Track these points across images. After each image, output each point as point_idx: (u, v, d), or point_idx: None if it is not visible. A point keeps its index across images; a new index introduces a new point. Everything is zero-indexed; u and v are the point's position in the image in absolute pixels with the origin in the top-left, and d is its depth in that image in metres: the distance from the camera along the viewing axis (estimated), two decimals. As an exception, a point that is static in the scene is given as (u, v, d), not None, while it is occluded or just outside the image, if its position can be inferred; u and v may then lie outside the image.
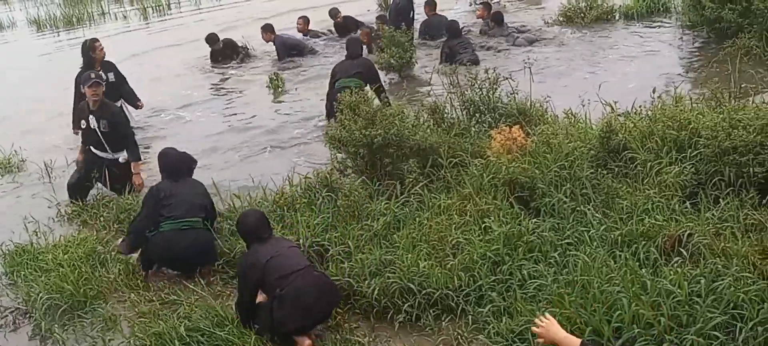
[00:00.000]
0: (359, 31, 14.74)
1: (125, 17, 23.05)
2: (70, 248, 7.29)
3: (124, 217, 7.89)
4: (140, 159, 8.85)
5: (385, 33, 12.54)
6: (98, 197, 8.71)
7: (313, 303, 5.55)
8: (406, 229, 6.48)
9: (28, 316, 6.51)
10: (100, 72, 9.92)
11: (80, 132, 8.96)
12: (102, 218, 8.05)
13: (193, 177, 7.38)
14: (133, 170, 8.66)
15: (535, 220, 6.26)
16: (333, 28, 16.35)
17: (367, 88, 9.82)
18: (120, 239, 7.31)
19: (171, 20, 22.27)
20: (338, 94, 8.60)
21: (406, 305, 5.68)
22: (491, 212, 6.38)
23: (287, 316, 5.52)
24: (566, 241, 5.91)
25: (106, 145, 8.70)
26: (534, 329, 4.39)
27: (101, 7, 24.84)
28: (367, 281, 5.85)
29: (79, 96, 9.72)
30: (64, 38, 21.01)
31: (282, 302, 5.54)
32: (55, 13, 23.91)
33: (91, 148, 8.78)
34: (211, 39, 15.26)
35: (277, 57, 14.92)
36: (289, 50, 14.90)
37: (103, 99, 8.74)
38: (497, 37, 14.32)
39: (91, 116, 8.64)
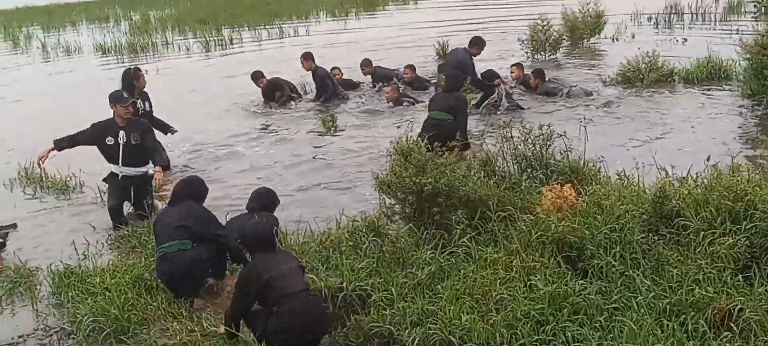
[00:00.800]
0: (389, 87, 14.78)
1: (188, 49, 23.53)
2: (117, 272, 7.39)
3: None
4: (167, 163, 9.16)
5: (440, 81, 12.58)
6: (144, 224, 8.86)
7: (303, 328, 5.82)
8: (450, 280, 6.44)
9: (71, 337, 6.60)
10: (138, 100, 10.45)
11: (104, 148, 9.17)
12: (151, 246, 8.15)
13: (202, 202, 7.54)
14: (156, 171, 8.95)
15: (582, 281, 6.16)
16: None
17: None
18: None
19: (232, 55, 22.68)
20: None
21: (445, 358, 5.61)
22: (538, 270, 6.31)
23: (279, 333, 5.79)
24: (613, 305, 5.81)
25: (133, 160, 9.02)
26: None
27: (165, 37, 25.46)
28: (408, 330, 5.80)
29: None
30: (128, 64, 21.57)
31: (276, 320, 5.79)
32: (121, 40, 24.57)
33: (113, 168, 9.08)
34: (255, 76, 15.45)
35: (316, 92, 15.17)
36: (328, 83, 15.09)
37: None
38: (542, 93, 14.28)
39: (121, 132, 8.99)
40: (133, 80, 10.77)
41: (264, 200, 7.95)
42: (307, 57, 15.30)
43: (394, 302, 6.16)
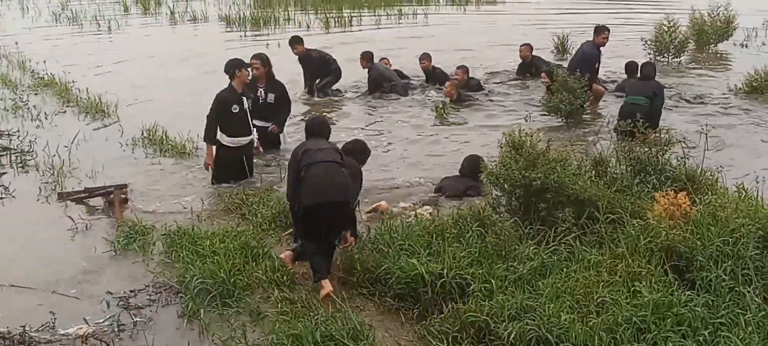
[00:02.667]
0: (446, 83, 14.40)
1: (308, 26, 23.95)
2: (226, 238, 7.66)
3: (281, 219, 8.24)
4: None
5: (558, 76, 12.42)
6: (257, 193, 9.13)
7: (322, 185, 6.86)
8: (551, 277, 6.39)
9: (179, 296, 6.90)
10: (260, 91, 10.83)
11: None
12: (260, 215, 8.42)
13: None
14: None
15: (688, 292, 6.01)
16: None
17: None
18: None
19: (351, 33, 22.95)
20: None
21: (541, 356, 5.58)
22: (643, 276, 6.19)
23: (303, 193, 6.91)
24: (719, 321, 5.64)
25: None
26: None
27: (287, 13, 25.99)
28: (504, 324, 5.80)
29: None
30: (250, 35, 22.22)
31: (303, 186, 6.92)
32: (245, 13, 25.25)
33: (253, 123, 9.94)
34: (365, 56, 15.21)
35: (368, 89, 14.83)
36: (382, 83, 14.77)
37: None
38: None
39: (244, 98, 9.73)
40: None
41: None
42: (365, 56, 15.00)
43: (493, 294, 6.16)
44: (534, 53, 15.85)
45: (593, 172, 8.18)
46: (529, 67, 15.64)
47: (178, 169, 10.56)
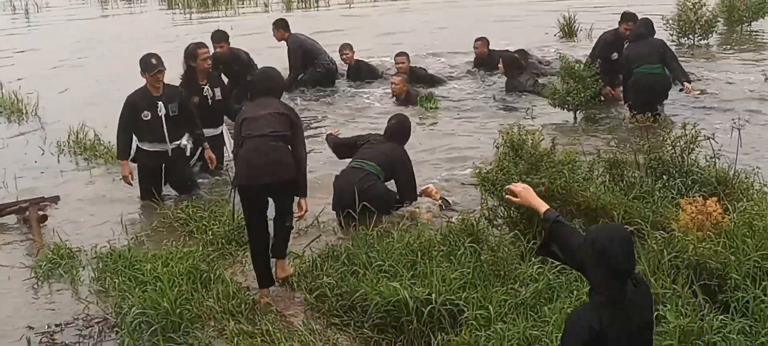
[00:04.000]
0: (393, 78, 14.34)
1: (266, 6, 23.93)
2: (170, 260, 7.62)
3: (236, 234, 8.22)
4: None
5: (566, 63, 12.47)
6: (206, 207, 9.10)
7: (251, 170, 7.10)
8: (559, 302, 6.40)
9: (115, 330, 6.85)
10: (205, 86, 10.43)
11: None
12: (211, 232, 8.38)
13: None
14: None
15: (721, 317, 6.04)
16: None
17: None
18: None
19: (317, 17, 22.95)
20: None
21: (550, 393, 5.60)
22: (667, 299, 6.22)
23: (238, 172, 7.30)
24: (759, 348, 5.69)
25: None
26: (510, 187, 5.12)
27: (241, -11, 25.99)
28: (505, 357, 5.81)
29: None
30: (197, 19, 22.14)
31: (239, 158, 7.28)
32: (189, -10, 25.21)
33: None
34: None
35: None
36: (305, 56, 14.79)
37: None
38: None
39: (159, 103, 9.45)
40: (190, 60, 10.41)
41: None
42: (279, 25, 14.83)
43: (490, 323, 6.16)
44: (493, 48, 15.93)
45: (607, 176, 8.22)
46: (487, 62, 15.80)
47: (112, 180, 10.47)
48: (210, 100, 10.37)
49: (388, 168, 8.99)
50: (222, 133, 10.53)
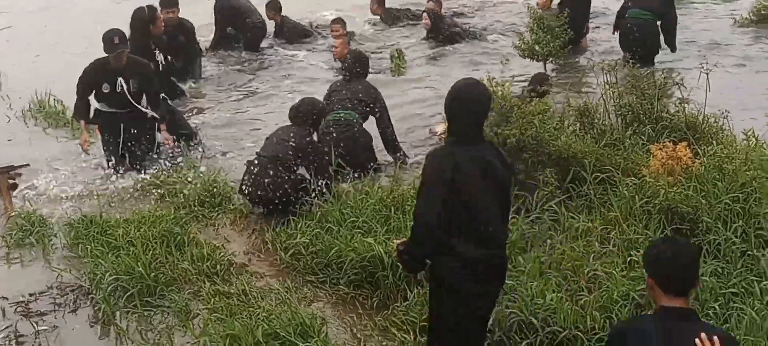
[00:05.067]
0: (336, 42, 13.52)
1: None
2: (143, 224, 7.62)
3: (208, 197, 8.23)
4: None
5: (533, 14, 12.46)
6: (180, 170, 9.08)
7: (244, 185, 8.09)
8: (533, 251, 6.47)
9: (90, 297, 6.85)
10: (156, 51, 10.30)
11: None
12: (183, 195, 8.37)
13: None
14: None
15: (694, 260, 6.13)
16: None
17: None
18: None
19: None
20: None
21: (524, 342, 5.66)
22: (640, 244, 6.29)
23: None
24: (731, 290, 5.78)
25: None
26: None
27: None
28: (480, 309, 5.86)
29: None
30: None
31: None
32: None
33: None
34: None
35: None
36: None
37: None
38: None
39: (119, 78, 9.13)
40: (149, 25, 10.32)
41: None
42: None
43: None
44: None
45: (578, 124, 8.27)
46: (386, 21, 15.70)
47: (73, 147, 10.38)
48: (161, 66, 10.30)
49: (364, 109, 9.14)
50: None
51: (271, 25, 14.71)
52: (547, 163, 7.36)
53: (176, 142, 9.57)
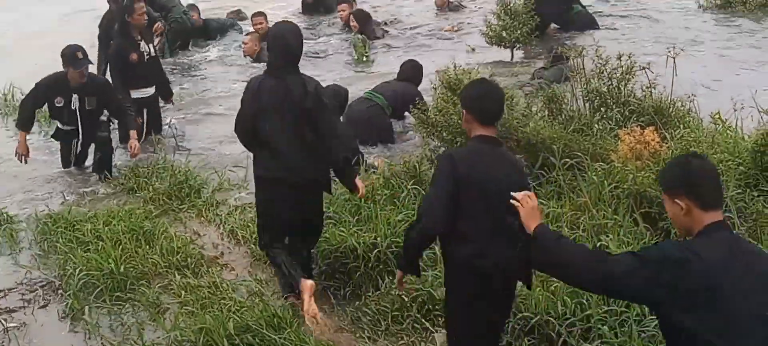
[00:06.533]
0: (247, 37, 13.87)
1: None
2: (112, 219, 7.58)
3: (177, 190, 8.20)
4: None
5: (499, 1, 12.49)
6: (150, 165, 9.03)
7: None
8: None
9: (59, 293, 6.80)
10: (141, 41, 9.93)
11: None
12: (152, 189, 8.32)
13: None
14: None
15: (662, 243, 6.17)
16: None
17: None
18: None
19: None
20: None
21: (496, 329, 5.66)
22: (610, 229, 6.33)
23: None
24: (700, 273, 5.81)
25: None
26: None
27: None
28: (452, 295, 5.87)
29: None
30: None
31: None
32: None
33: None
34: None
35: None
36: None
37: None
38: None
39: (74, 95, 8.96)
40: (126, 15, 9.93)
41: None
42: None
43: (436, 262, 6.23)
44: None
45: (546, 110, 8.29)
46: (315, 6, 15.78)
47: (46, 141, 10.30)
48: (146, 57, 9.98)
49: (399, 105, 9.41)
50: (156, 93, 10.20)
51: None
52: (516, 149, 7.38)
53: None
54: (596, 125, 8.08)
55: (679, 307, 3.52)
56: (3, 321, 6.48)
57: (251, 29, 14.00)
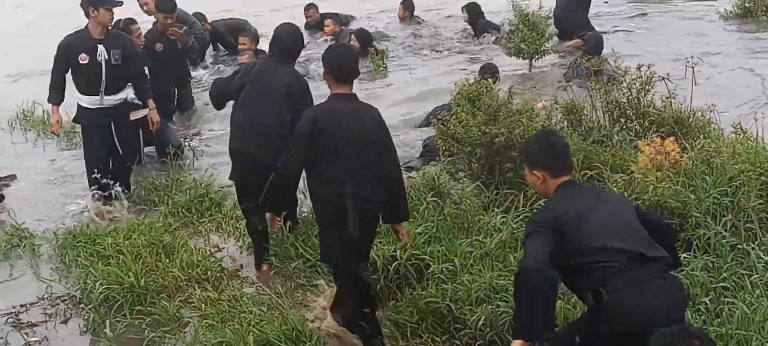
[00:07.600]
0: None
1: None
2: (133, 233, 7.60)
3: (196, 203, 8.24)
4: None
5: (518, 12, 12.47)
6: (169, 176, 9.06)
7: None
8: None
9: (81, 306, 6.83)
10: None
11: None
12: (172, 202, 8.35)
13: None
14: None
15: (684, 255, 6.13)
16: None
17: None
18: None
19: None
20: None
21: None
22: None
23: None
24: (721, 284, 5.78)
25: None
26: None
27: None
28: (471, 308, 5.86)
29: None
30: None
31: None
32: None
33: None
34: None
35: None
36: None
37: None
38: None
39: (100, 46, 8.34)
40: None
41: None
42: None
43: (456, 275, 6.22)
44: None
45: (565, 122, 8.26)
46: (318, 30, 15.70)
47: (67, 154, 10.37)
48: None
49: None
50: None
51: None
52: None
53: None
54: (616, 136, 8.04)
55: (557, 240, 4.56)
56: (25, 335, 6.50)
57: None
